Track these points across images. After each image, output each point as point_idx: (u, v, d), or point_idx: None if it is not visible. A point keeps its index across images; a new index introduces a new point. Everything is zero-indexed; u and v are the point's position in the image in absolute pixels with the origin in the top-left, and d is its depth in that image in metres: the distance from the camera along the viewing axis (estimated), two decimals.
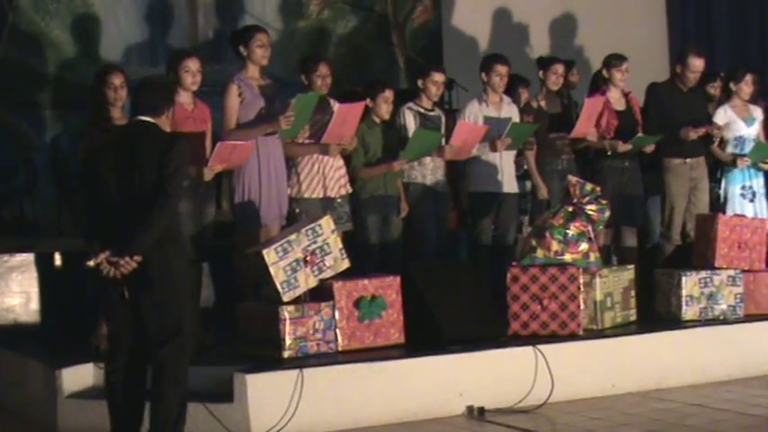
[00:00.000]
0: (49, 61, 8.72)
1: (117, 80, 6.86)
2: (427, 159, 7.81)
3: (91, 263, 5.43)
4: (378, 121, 7.75)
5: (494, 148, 7.91)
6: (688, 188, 8.53)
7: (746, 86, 8.67)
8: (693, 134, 8.33)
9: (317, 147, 7.38)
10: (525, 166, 8.47)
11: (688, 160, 8.51)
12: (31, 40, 8.66)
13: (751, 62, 9.99)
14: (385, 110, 7.75)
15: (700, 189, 8.59)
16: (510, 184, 8.11)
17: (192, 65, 7.02)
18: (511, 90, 8.39)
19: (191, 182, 6.92)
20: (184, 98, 7.05)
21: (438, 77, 7.87)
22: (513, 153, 8.18)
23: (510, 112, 8.12)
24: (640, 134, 8.25)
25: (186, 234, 6.93)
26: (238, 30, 7.53)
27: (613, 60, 8.34)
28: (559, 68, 8.32)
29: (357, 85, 8.71)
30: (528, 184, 8.51)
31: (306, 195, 7.38)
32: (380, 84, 7.86)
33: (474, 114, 8.00)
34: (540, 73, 8.34)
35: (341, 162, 7.52)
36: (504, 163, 8.08)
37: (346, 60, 9.65)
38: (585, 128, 8.10)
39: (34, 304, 7.95)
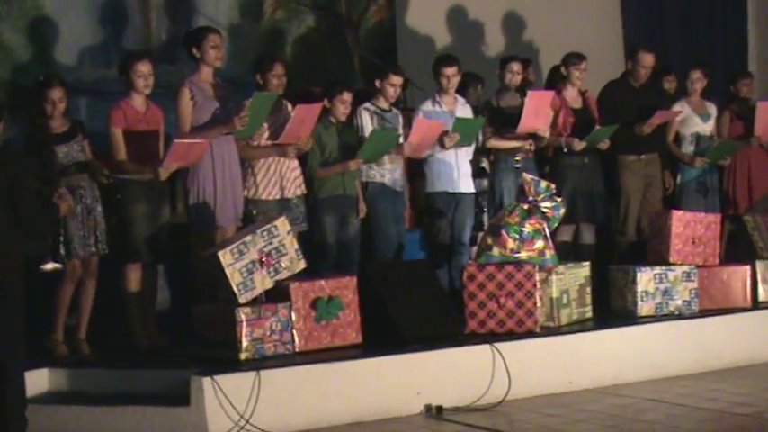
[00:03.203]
0: (1, 65, 8.62)
1: (55, 94, 6.83)
2: (385, 159, 7.80)
3: (48, 267, 5.40)
4: (334, 121, 7.74)
5: (442, 145, 7.91)
6: (642, 184, 8.60)
7: (692, 83, 8.77)
8: (648, 128, 8.38)
9: (275, 149, 7.36)
10: (482, 164, 8.49)
11: (642, 157, 8.58)
12: None
13: (703, 59, 10.08)
14: (342, 111, 7.74)
15: (654, 185, 8.67)
16: (466, 184, 8.12)
17: (144, 68, 6.98)
18: (462, 89, 8.39)
19: (145, 183, 6.91)
20: (137, 101, 7.02)
21: (396, 80, 7.87)
22: (469, 152, 8.18)
23: (464, 111, 8.13)
24: (597, 127, 8.29)
25: (141, 236, 6.93)
26: (191, 31, 7.48)
27: (572, 59, 8.38)
28: (515, 66, 8.32)
29: (312, 85, 8.69)
30: (485, 183, 8.53)
31: (263, 197, 7.36)
32: (339, 85, 7.84)
33: (425, 114, 8.00)
34: (498, 71, 8.35)
35: (296, 163, 7.50)
36: (461, 162, 8.09)
37: (301, 60, 9.61)
38: (532, 122, 8.08)
39: None
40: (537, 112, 8.06)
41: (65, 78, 7.08)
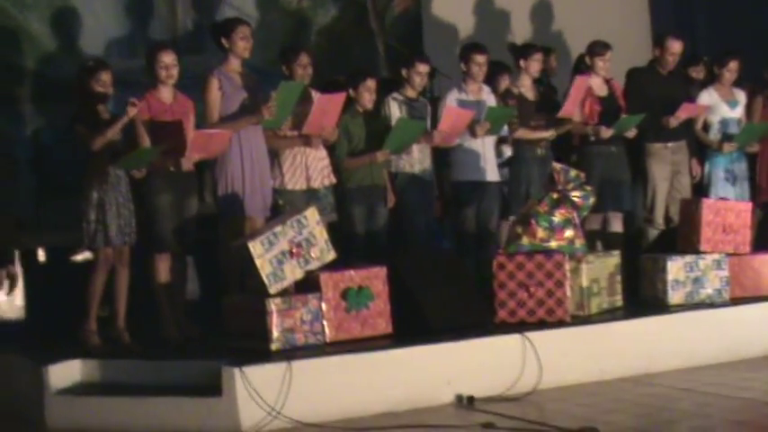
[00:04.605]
0: (28, 55, 8.66)
1: (107, 77, 6.83)
2: (414, 148, 7.80)
3: (79, 257, 5.42)
4: (360, 110, 7.73)
5: (473, 134, 7.91)
6: (670, 172, 8.56)
7: (729, 73, 8.70)
8: (674, 121, 8.34)
9: (299, 139, 7.35)
10: (506, 155, 8.48)
11: (669, 144, 8.53)
12: (9, 35, 8.58)
13: (733, 46, 10.00)
14: (368, 99, 7.73)
15: (682, 173, 8.62)
16: (492, 172, 8.11)
17: (167, 58, 7.00)
18: (491, 78, 8.38)
19: (171, 174, 6.92)
20: (163, 93, 7.03)
21: (422, 68, 7.87)
22: (494, 140, 8.17)
23: (489, 100, 8.12)
24: (624, 115, 8.26)
25: (167, 226, 6.95)
26: (220, 22, 7.48)
27: (597, 48, 8.35)
28: (540, 56, 8.31)
29: (337, 74, 8.67)
30: (507, 172, 8.51)
31: (289, 187, 7.36)
32: (362, 73, 7.84)
33: (453, 102, 7.99)
34: (522, 61, 8.31)
35: (324, 153, 7.50)
36: (487, 151, 8.08)
37: (326, 50, 9.61)
38: (572, 108, 8.10)
39: (19, 300, 7.92)
40: (577, 99, 8.07)
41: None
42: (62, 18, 8.75)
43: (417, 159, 7.86)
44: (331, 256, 6.67)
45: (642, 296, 7.65)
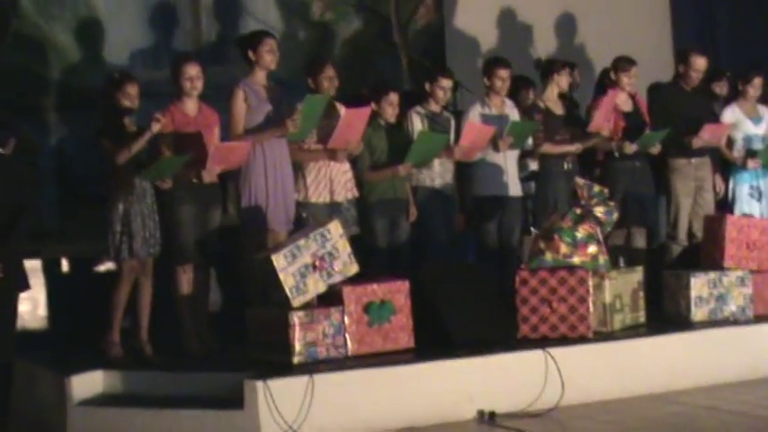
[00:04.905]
0: (53, 65, 8.66)
1: (132, 89, 6.86)
2: (435, 162, 7.79)
3: (102, 267, 5.44)
4: (383, 123, 7.73)
5: (496, 148, 7.90)
6: (693, 188, 8.52)
7: (753, 90, 8.66)
8: (697, 142, 8.31)
9: (325, 153, 7.36)
10: (530, 168, 8.47)
11: (693, 160, 8.50)
12: (34, 45, 8.60)
13: (756, 61, 9.96)
14: (390, 113, 7.74)
15: (705, 189, 8.58)
16: (514, 187, 8.10)
17: (191, 70, 7.02)
18: (514, 92, 8.38)
19: (193, 185, 6.93)
20: (187, 105, 7.05)
21: (445, 83, 7.87)
22: (516, 154, 8.16)
23: (512, 114, 8.11)
24: (647, 131, 8.23)
25: (189, 238, 6.96)
26: (246, 35, 7.50)
27: (622, 64, 8.32)
28: (567, 70, 8.31)
29: (360, 87, 8.67)
30: (532, 186, 8.50)
31: (313, 200, 7.36)
32: (385, 87, 7.85)
33: (476, 117, 7.99)
34: (550, 75, 8.29)
35: (347, 166, 7.50)
36: (509, 165, 8.07)
37: (350, 62, 9.59)
38: (602, 122, 8.09)
39: (42, 310, 7.94)
40: (608, 113, 8.06)
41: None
42: (87, 29, 8.76)
43: (438, 173, 7.86)
44: (354, 269, 6.67)
45: (665, 313, 7.62)
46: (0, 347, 6.34)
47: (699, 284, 7.45)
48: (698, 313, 7.44)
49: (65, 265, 8.12)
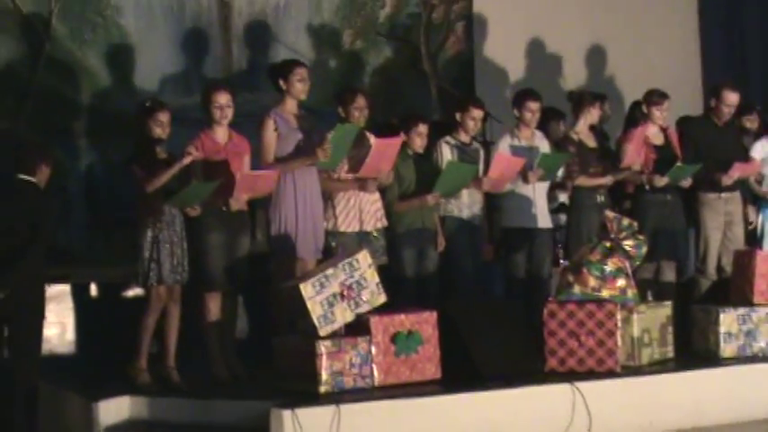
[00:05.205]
0: (85, 90, 8.72)
1: (164, 117, 6.89)
2: (464, 193, 7.79)
3: (130, 293, 5.46)
4: (411, 153, 7.74)
5: (525, 180, 7.90)
6: (723, 222, 8.47)
7: None
8: (727, 180, 8.28)
9: (355, 183, 7.36)
10: (559, 200, 8.45)
11: (723, 195, 8.46)
12: (66, 69, 8.66)
13: None
14: (419, 144, 7.75)
15: (735, 223, 8.53)
16: (544, 219, 8.07)
17: (222, 98, 7.05)
18: (543, 123, 8.37)
19: (223, 212, 6.95)
20: (218, 132, 7.08)
21: (476, 113, 7.88)
22: (546, 186, 8.15)
23: (542, 146, 8.10)
24: (678, 164, 8.21)
25: (218, 265, 6.97)
26: (278, 63, 7.52)
27: (654, 97, 8.29)
28: (599, 103, 8.31)
29: (390, 115, 8.69)
30: (562, 218, 8.48)
31: (342, 229, 7.36)
32: (414, 117, 7.85)
33: (506, 149, 7.98)
34: (583, 108, 8.27)
35: (377, 195, 7.50)
36: (538, 197, 8.05)
37: (379, 91, 9.60)
38: (635, 157, 8.08)
39: (70, 335, 7.96)
40: (639, 147, 8.04)
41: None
42: (119, 54, 8.82)
43: (466, 204, 7.85)
44: (381, 299, 6.65)
45: (693, 348, 7.57)
46: (25, 372, 6.40)
47: (728, 320, 7.41)
48: (727, 349, 7.39)
49: (93, 289, 8.15)
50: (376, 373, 6.52)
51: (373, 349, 6.52)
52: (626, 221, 7.26)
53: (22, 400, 6.33)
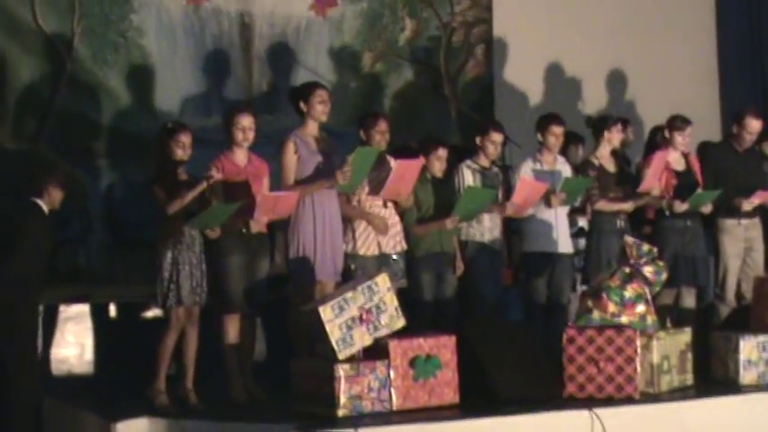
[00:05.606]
0: (106, 111, 8.77)
1: (186, 139, 6.91)
2: (485, 217, 7.79)
3: (149, 313, 5.46)
4: (430, 177, 7.74)
5: (548, 204, 7.89)
6: (742, 249, 8.45)
7: None
8: (747, 206, 8.26)
9: (365, 216, 7.37)
10: (579, 224, 8.43)
11: (742, 221, 8.43)
12: (88, 90, 8.72)
13: None
14: (438, 168, 7.75)
15: (755, 250, 8.51)
16: (565, 244, 8.06)
17: (245, 121, 7.06)
18: (563, 147, 8.36)
19: (242, 235, 6.96)
20: (237, 155, 7.09)
21: (496, 137, 7.88)
22: (566, 211, 8.14)
23: (564, 170, 8.09)
24: (699, 191, 8.19)
25: (237, 288, 6.97)
26: (299, 86, 7.53)
27: (677, 123, 8.28)
28: (620, 127, 8.31)
29: (409, 138, 8.70)
30: (581, 242, 8.46)
31: (361, 252, 7.36)
32: (433, 141, 7.87)
33: (528, 173, 7.98)
34: (605, 132, 8.25)
35: (396, 219, 7.51)
36: (559, 222, 8.04)
37: (399, 114, 9.64)
38: (653, 182, 8.06)
39: (89, 355, 7.97)
40: (658, 172, 8.03)
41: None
42: (140, 75, 8.87)
43: (487, 228, 7.85)
44: (400, 323, 6.63)
45: (713, 375, 7.52)
46: (28, 389, 6.39)
47: (748, 347, 7.36)
48: (746, 376, 7.34)
49: (112, 310, 8.17)
50: (394, 397, 6.49)
51: (392, 373, 6.49)
52: (646, 247, 7.23)
53: (22, 419, 6.31)
